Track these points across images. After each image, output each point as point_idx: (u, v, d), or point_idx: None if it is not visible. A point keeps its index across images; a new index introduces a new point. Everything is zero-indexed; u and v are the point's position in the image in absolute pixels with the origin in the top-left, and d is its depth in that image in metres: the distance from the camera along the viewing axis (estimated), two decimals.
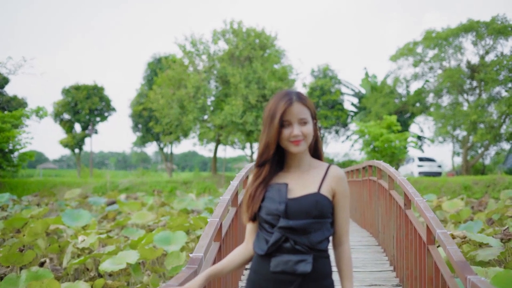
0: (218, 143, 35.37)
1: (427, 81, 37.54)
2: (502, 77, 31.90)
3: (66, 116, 43.10)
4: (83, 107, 42.12)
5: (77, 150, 44.04)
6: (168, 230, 9.81)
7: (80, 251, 9.86)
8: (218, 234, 4.25)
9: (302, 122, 2.29)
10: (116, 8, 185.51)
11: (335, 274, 2.40)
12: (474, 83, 34.35)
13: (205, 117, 33.43)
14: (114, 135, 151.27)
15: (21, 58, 36.32)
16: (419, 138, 41.15)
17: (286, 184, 2.32)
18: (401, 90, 39.20)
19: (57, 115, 42.70)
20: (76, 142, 42.66)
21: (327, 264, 2.33)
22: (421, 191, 25.01)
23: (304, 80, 39.66)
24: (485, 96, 33.09)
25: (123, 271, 8.91)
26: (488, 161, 40.75)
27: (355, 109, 43.02)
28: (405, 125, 38.72)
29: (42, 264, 8.80)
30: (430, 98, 37.50)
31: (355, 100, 43.48)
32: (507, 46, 42.84)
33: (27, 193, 27.70)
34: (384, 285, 5.64)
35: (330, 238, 2.39)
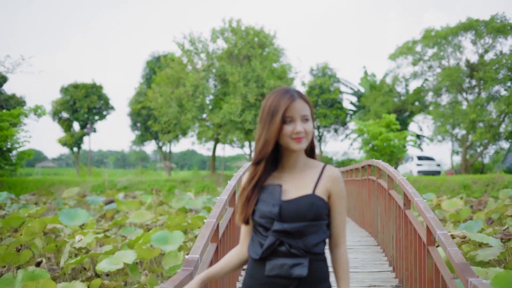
0: (217, 142, 35.30)
1: (426, 80, 37.49)
2: (501, 76, 31.87)
3: (65, 115, 42.99)
4: (82, 106, 42.02)
5: (76, 149, 43.94)
6: (166, 230, 9.75)
7: (77, 251, 9.80)
8: (215, 235, 4.18)
9: (304, 119, 2.22)
10: (116, 8, 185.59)
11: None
12: (473, 82, 34.31)
13: (204, 116, 33.38)
14: (113, 134, 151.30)
15: (19, 57, 36.19)
16: (418, 137, 41.09)
17: (280, 186, 2.25)
18: (400, 89, 39.16)
19: (56, 114, 42.59)
20: (75, 141, 42.56)
21: (324, 267, 2.26)
22: (420, 190, 24.97)
23: (303, 79, 39.59)
24: (484, 95, 33.05)
25: (121, 271, 8.85)
26: (487, 160, 40.72)
27: (354, 108, 42.96)
28: (404, 124, 38.66)
29: (39, 264, 8.73)
30: (429, 97, 37.46)
31: (354, 99, 43.43)
32: (506, 45, 42.67)
33: (26, 192, 27.64)
34: (384, 286, 5.59)
35: (327, 240, 2.33)
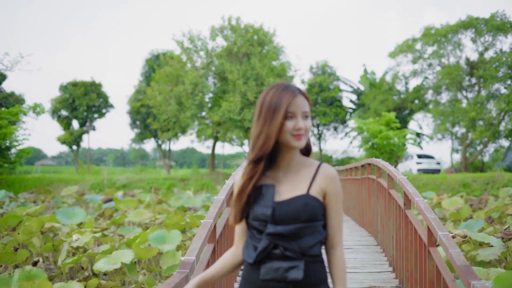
0: (216, 140, 35.23)
1: (426, 78, 37.39)
2: (501, 74, 31.77)
3: (64, 113, 42.94)
4: (81, 104, 41.94)
5: (75, 147, 43.89)
6: (163, 229, 9.68)
7: (75, 250, 9.73)
8: (212, 235, 4.11)
9: (305, 116, 2.15)
10: (116, 8, 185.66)
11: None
12: (473, 80, 34.22)
13: (203, 114, 33.30)
14: (113, 132, 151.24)
15: (18, 54, 36.06)
16: (418, 135, 40.99)
17: (274, 186, 2.17)
18: (400, 87, 39.06)
19: (55, 112, 42.54)
20: (74, 139, 42.49)
21: (321, 270, 2.18)
22: (420, 189, 24.91)
23: (303, 77, 39.54)
24: (484, 93, 32.95)
25: (118, 270, 8.78)
26: (487, 158, 40.65)
27: (354, 106, 42.86)
28: (404, 122, 38.58)
29: (36, 263, 8.65)
30: (429, 95, 37.37)
31: (354, 97, 43.32)
32: (506, 43, 42.77)
33: (24, 190, 27.58)
34: (384, 287, 5.52)
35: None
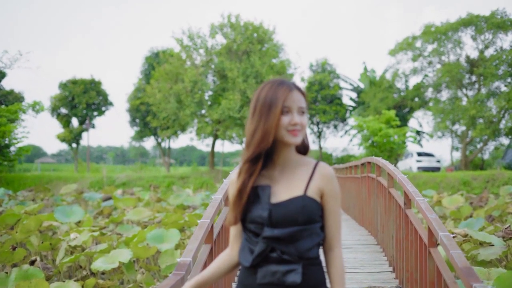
0: (216, 138, 35.17)
1: (426, 76, 37.34)
2: (502, 72, 31.70)
3: (63, 111, 42.85)
4: (80, 102, 41.86)
5: (75, 145, 43.82)
6: (162, 228, 9.62)
7: (73, 249, 9.67)
8: (209, 236, 4.04)
9: (301, 112, 2.07)
10: (116, 8, 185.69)
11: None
12: (473, 78, 34.16)
13: (203, 112, 33.23)
14: (113, 130, 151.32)
15: (17, 52, 36.05)
16: (418, 133, 40.95)
17: (269, 187, 2.09)
18: (400, 85, 39.01)
19: (54, 110, 42.45)
20: (73, 137, 42.42)
21: (319, 272, 2.10)
22: (420, 187, 24.86)
23: (302, 75, 39.46)
24: (484, 91, 32.89)
25: (117, 269, 8.73)
26: (487, 156, 40.61)
27: (354, 104, 42.81)
28: (404, 120, 38.53)
29: (33, 263, 8.58)
30: (429, 93, 37.31)
31: (354, 95, 43.28)
32: (507, 41, 42.55)
33: (24, 188, 27.53)
34: (383, 287, 5.45)
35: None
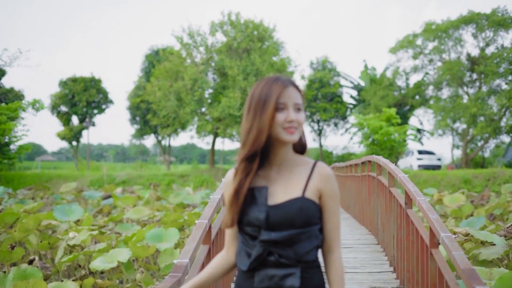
0: (216, 136, 35.11)
1: (427, 74, 37.29)
2: (502, 70, 31.65)
3: (63, 109, 42.79)
4: (80, 99, 41.81)
5: (75, 143, 43.78)
6: (161, 227, 9.58)
7: (72, 248, 9.61)
8: (207, 236, 3.98)
9: (297, 108, 2.00)
10: (116, 8, 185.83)
11: None
12: (474, 76, 34.09)
13: (203, 110, 33.18)
14: (113, 128, 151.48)
15: (17, 50, 35.97)
16: (419, 131, 40.90)
17: (266, 188, 2.03)
18: (401, 83, 38.95)
19: (54, 108, 42.40)
20: (74, 135, 42.39)
21: (319, 276, 2.04)
22: (421, 185, 24.81)
23: (303, 72, 39.36)
24: (485, 89, 32.84)
25: (116, 269, 8.68)
26: (488, 154, 40.55)
27: (354, 102, 42.74)
28: (405, 118, 38.46)
29: (32, 262, 8.53)
30: (430, 91, 37.27)
31: (354, 93, 43.20)
32: (508, 39, 42.64)
33: (24, 186, 27.47)
34: None
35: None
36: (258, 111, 1.99)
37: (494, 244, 7.39)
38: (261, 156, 2.07)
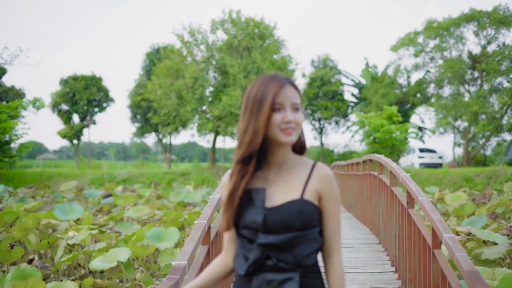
0: (217, 134, 35.06)
1: (428, 72, 37.20)
2: (504, 68, 31.54)
3: (64, 107, 42.77)
4: (81, 98, 41.78)
5: (76, 141, 43.75)
6: (161, 226, 9.52)
7: (71, 247, 9.57)
8: (207, 237, 3.93)
9: (295, 108, 1.93)
10: (116, 8, 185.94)
11: None
12: (476, 74, 33.99)
13: (204, 108, 33.12)
14: (114, 126, 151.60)
15: (17, 48, 35.93)
16: (420, 129, 40.83)
17: (264, 190, 1.96)
18: (402, 81, 38.88)
19: (55, 106, 42.37)
20: (74, 133, 42.36)
21: (318, 280, 1.98)
22: (422, 183, 24.75)
23: (304, 70, 39.27)
24: (487, 87, 32.74)
25: (115, 268, 8.63)
26: (489, 152, 40.46)
27: (356, 100, 42.66)
28: (406, 116, 38.40)
29: (31, 261, 8.49)
30: (431, 89, 37.18)
31: (356, 91, 43.13)
32: (509, 36, 42.62)
33: (24, 185, 27.44)
34: None
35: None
36: (254, 112, 1.93)
37: (496, 244, 7.33)
38: (259, 157, 2.01)
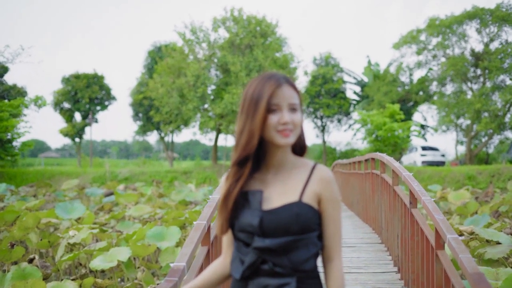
0: (219, 132, 35.00)
1: (431, 69, 37.09)
2: (507, 65, 31.43)
3: (66, 105, 42.72)
4: (83, 96, 41.71)
5: (78, 139, 43.73)
6: (162, 226, 9.48)
7: (72, 246, 9.53)
8: (206, 237, 3.87)
9: (292, 109, 1.86)
10: (116, 8, 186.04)
11: None
12: (478, 71, 33.88)
13: (205, 106, 33.06)
14: (117, 124, 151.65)
15: (19, 47, 35.87)
16: (422, 127, 40.71)
17: (261, 192, 1.89)
18: (404, 79, 38.76)
19: (57, 104, 42.32)
20: (76, 131, 42.31)
21: (317, 286, 1.91)
22: (425, 181, 24.67)
23: (306, 68, 39.18)
24: (489, 85, 32.65)
25: (116, 267, 8.59)
26: (492, 150, 40.35)
27: (358, 98, 42.53)
28: (408, 114, 38.29)
29: (31, 261, 8.44)
30: (434, 87, 37.07)
31: (358, 89, 43.00)
32: None
33: (26, 183, 27.43)
34: None
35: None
36: (250, 113, 1.86)
37: (500, 243, 7.27)
38: (258, 158, 1.95)
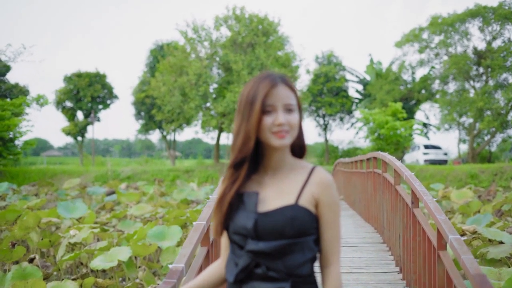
0: (221, 131, 34.97)
1: (433, 68, 37.01)
2: (509, 63, 31.36)
3: (68, 104, 42.75)
4: (85, 95, 41.74)
5: (80, 138, 43.75)
6: (163, 225, 9.45)
7: (73, 246, 9.50)
8: (206, 238, 3.83)
9: (288, 109, 1.80)
10: (116, 8, 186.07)
11: None
12: (481, 70, 33.81)
13: (207, 105, 33.04)
14: (119, 123, 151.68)
15: (21, 46, 35.93)
16: (425, 126, 40.67)
17: (257, 194, 1.84)
18: (407, 77, 38.70)
19: (59, 103, 42.35)
20: (79, 130, 42.34)
21: None
22: (427, 180, 24.60)
23: (308, 67, 39.12)
24: (492, 83, 32.58)
25: (117, 267, 8.56)
26: (495, 149, 40.27)
27: (360, 96, 42.49)
28: (411, 113, 38.23)
29: (32, 260, 8.42)
30: (436, 85, 37.00)
31: (360, 87, 42.94)
32: None
33: (28, 182, 27.43)
34: None
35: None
36: (246, 114, 1.81)
37: (503, 242, 7.23)
38: (256, 160, 1.90)
